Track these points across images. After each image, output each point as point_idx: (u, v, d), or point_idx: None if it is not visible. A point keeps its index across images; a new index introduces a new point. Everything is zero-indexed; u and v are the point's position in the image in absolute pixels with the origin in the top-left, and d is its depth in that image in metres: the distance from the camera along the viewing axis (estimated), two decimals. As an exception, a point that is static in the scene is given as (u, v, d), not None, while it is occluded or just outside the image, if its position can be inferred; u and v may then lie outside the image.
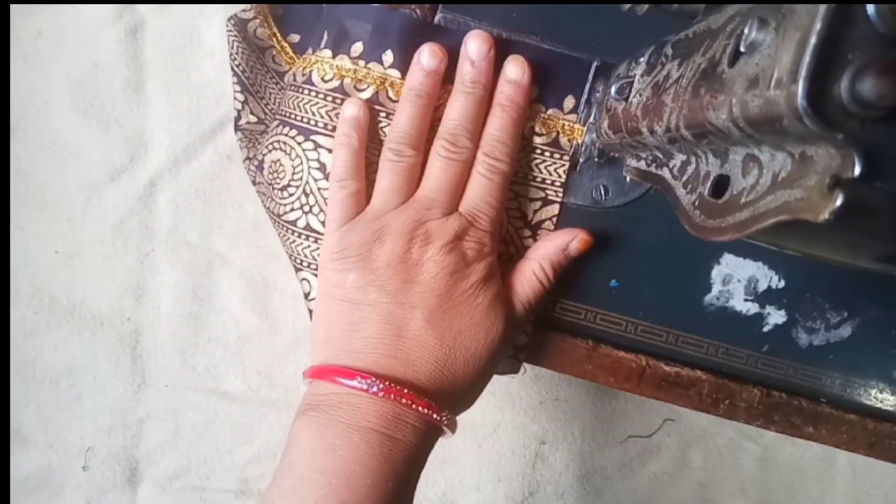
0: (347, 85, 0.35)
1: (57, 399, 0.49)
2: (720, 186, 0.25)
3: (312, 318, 0.36)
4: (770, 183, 0.22)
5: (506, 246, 0.38)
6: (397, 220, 0.33)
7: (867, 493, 0.55)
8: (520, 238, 0.38)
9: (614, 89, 0.33)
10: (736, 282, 0.38)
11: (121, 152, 0.47)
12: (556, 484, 0.53)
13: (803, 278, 0.39)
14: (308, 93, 0.35)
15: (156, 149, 0.47)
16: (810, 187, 0.19)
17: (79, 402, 0.49)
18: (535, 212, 0.37)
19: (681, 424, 0.54)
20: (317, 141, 0.35)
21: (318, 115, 0.35)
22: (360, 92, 0.35)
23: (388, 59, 0.35)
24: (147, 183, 0.47)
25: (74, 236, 0.48)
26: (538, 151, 0.36)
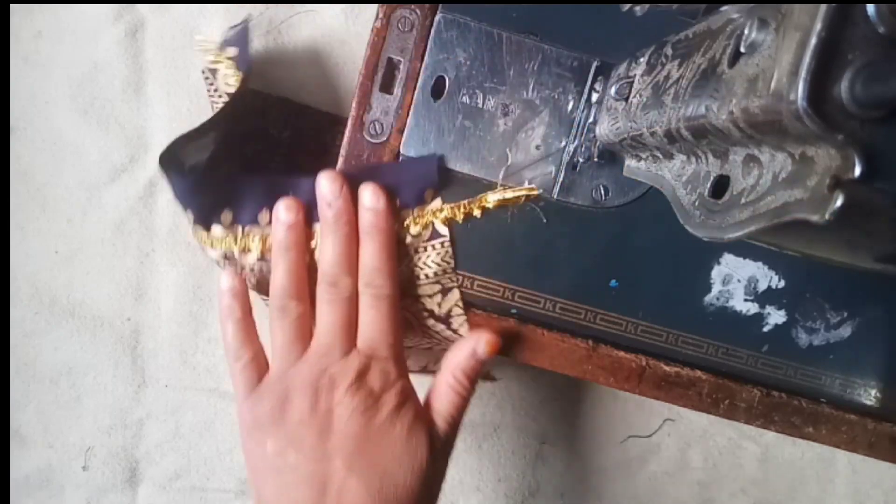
0: (231, 253, 0.36)
1: (57, 399, 0.49)
2: (720, 187, 0.25)
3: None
4: (770, 183, 0.22)
5: (429, 339, 0.39)
6: (299, 375, 0.34)
7: (867, 493, 0.55)
8: (435, 331, 0.38)
9: (614, 89, 0.33)
10: (736, 282, 0.38)
11: (121, 152, 0.47)
12: (556, 484, 0.53)
13: (803, 278, 0.39)
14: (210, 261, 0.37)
15: (156, 149, 0.47)
16: (810, 188, 0.19)
17: (79, 403, 0.49)
18: (439, 304, 0.38)
19: (681, 424, 0.54)
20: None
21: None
22: (247, 254, 0.36)
23: (263, 218, 0.36)
24: (147, 183, 0.47)
25: (74, 236, 0.48)
26: (420, 249, 0.37)
